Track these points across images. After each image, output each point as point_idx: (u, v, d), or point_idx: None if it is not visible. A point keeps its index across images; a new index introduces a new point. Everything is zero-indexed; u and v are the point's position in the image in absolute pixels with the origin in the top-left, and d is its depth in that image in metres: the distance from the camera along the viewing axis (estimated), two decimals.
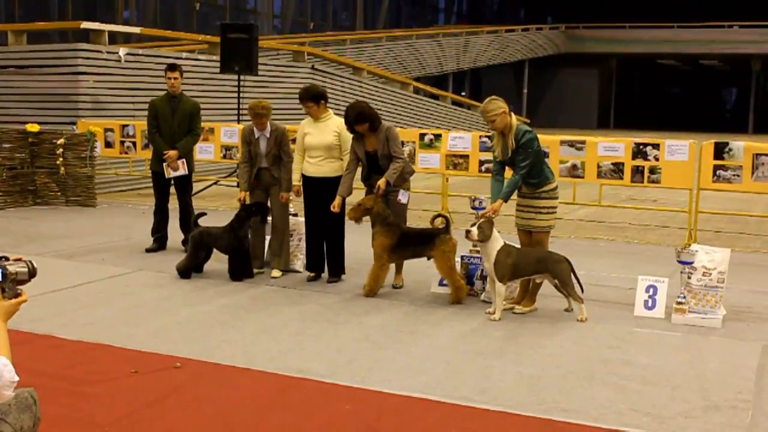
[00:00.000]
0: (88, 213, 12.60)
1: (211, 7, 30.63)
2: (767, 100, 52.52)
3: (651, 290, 7.00)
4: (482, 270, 7.51)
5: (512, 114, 7.02)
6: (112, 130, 14.21)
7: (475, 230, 6.79)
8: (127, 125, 14.20)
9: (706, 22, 48.37)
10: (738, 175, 10.34)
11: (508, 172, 7.23)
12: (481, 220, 6.86)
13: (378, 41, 34.41)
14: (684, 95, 57.64)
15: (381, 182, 7.49)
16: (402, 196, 7.72)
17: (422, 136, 12.39)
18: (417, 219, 10.76)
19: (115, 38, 17.58)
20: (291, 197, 8.37)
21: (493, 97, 7.06)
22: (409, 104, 27.39)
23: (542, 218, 7.14)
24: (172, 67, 9.46)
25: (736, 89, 57.79)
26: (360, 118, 7.58)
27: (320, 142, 7.94)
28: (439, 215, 7.56)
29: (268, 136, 8.29)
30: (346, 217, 7.82)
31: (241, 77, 15.31)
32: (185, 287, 7.86)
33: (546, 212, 7.14)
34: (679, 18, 49.70)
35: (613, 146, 11.01)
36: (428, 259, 7.50)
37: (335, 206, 7.67)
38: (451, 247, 7.34)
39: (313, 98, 7.97)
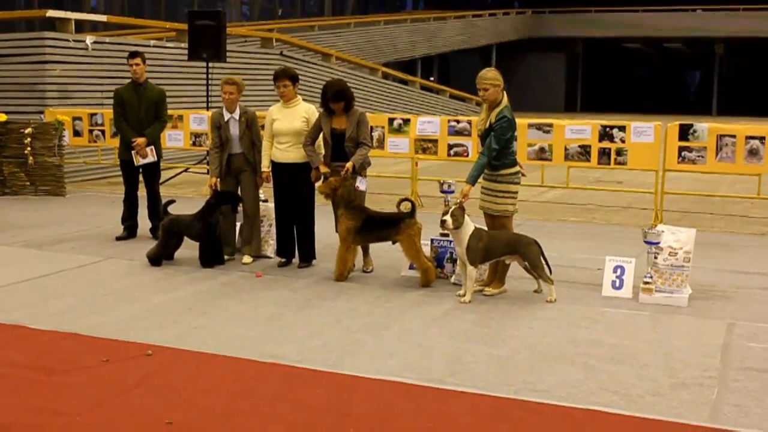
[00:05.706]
0: (57, 202, 12.51)
1: None
2: (730, 82, 52.98)
3: (618, 270, 7.09)
4: (452, 253, 7.56)
5: (506, 94, 7.04)
6: (80, 118, 14.10)
7: (449, 219, 6.81)
8: (95, 114, 14.09)
9: (670, 6, 48.74)
10: (702, 156, 10.50)
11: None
12: (453, 207, 6.90)
13: (346, 27, 34.30)
14: (649, 78, 57.92)
15: (349, 165, 7.53)
16: (360, 183, 7.71)
17: (391, 120, 12.42)
18: (387, 204, 10.80)
19: (81, 27, 17.42)
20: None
21: (494, 68, 7.13)
22: (378, 90, 27.35)
23: (499, 202, 7.11)
24: (133, 55, 9.43)
25: (699, 72, 58.14)
26: (339, 95, 7.59)
27: (289, 128, 7.94)
28: (404, 199, 7.58)
29: (237, 118, 8.28)
30: (317, 192, 7.83)
31: (210, 64, 15.22)
32: (156, 275, 7.85)
33: (502, 196, 7.09)
34: (643, 2, 49.97)
35: (580, 129, 11.11)
36: (393, 243, 7.54)
37: (315, 180, 7.78)
38: (416, 231, 7.37)
39: (291, 78, 7.99)
